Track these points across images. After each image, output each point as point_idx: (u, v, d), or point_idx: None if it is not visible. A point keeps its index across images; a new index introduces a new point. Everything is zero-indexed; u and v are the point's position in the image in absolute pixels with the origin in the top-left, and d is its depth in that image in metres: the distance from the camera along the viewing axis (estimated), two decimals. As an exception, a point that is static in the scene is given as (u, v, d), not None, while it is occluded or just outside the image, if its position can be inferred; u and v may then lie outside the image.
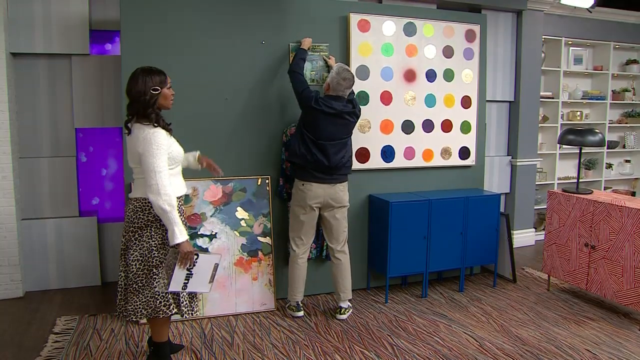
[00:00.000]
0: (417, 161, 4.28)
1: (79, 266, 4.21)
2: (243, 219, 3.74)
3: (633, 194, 6.53)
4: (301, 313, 3.67)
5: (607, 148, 6.20)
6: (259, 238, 3.78)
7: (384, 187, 4.20)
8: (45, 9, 3.94)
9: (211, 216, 3.66)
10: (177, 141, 2.76)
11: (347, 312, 3.69)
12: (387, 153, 4.17)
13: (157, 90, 2.61)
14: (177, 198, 2.70)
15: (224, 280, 3.65)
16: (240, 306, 3.72)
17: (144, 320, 3.29)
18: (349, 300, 3.75)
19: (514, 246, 4.84)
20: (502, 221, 4.38)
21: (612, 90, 6.27)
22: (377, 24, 4.04)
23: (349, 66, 3.92)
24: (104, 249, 4.32)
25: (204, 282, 2.77)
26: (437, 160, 4.36)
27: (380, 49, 4.06)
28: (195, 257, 2.64)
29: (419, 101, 4.23)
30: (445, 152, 4.37)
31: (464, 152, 4.45)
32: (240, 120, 3.76)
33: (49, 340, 3.27)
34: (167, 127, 2.66)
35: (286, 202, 3.89)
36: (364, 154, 4.09)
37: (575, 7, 5.37)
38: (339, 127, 3.50)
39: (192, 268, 2.65)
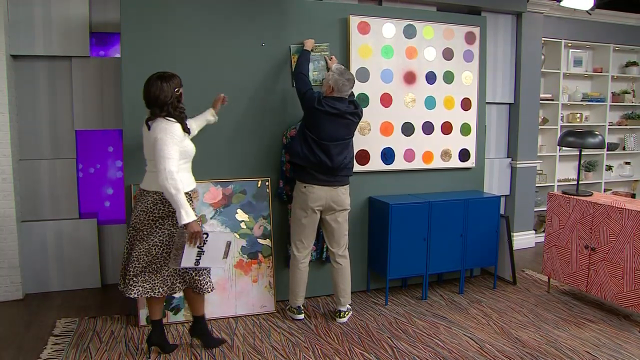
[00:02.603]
0: (417, 163, 4.29)
1: (79, 268, 4.21)
2: (243, 221, 3.74)
3: (633, 196, 6.53)
4: (302, 316, 3.67)
5: (607, 150, 6.20)
6: (259, 240, 3.77)
7: (384, 189, 4.20)
8: (45, 11, 3.94)
9: (211, 218, 3.66)
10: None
11: (347, 314, 3.69)
12: (387, 155, 4.17)
13: (179, 90, 2.92)
14: (193, 190, 2.98)
15: (223, 282, 3.65)
16: (240, 308, 3.72)
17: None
18: (349, 303, 3.75)
19: (514, 248, 4.84)
20: (502, 223, 4.38)
21: (612, 92, 6.27)
22: (377, 26, 4.04)
23: (348, 68, 3.93)
24: (104, 251, 4.32)
25: (218, 259, 2.97)
26: (437, 163, 4.36)
27: (380, 51, 4.07)
28: (205, 236, 2.86)
29: (419, 103, 4.23)
30: (445, 154, 4.38)
31: (464, 154, 4.45)
32: (240, 122, 3.76)
33: (48, 342, 3.27)
34: (186, 128, 2.92)
35: (286, 204, 3.89)
36: (364, 156, 4.09)
37: (575, 9, 5.38)
38: (341, 128, 3.50)
39: (203, 246, 2.87)
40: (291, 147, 3.60)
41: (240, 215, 3.73)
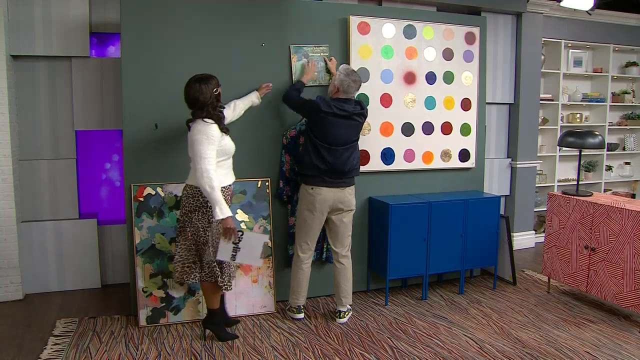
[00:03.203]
0: (417, 163, 4.29)
1: (79, 268, 4.21)
2: (243, 221, 3.74)
3: (633, 196, 6.53)
4: (302, 315, 3.67)
5: (607, 150, 6.20)
6: (259, 240, 3.77)
7: (384, 190, 4.20)
8: (45, 12, 3.94)
9: (211, 218, 3.65)
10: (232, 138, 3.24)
11: (347, 315, 3.69)
12: (387, 155, 4.17)
13: (217, 90, 3.09)
14: (228, 186, 3.17)
15: (223, 282, 3.65)
16: (240, 308, 3.71)
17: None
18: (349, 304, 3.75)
19: (513, 248, 4.84)
20: (502, 223, 4.38)
21: (612, 93, 6.28)
22: (377, 27, 4.04)
23: (348, 68, 3.94)
24: (104, 251, 4.32)
25: (255, 257, 3.15)
26: (437, 163, 4.36)
27: (380, 51, 4.07)
28: (240, 234, 3.05)
29: (419, 103, 4.23)
30: (445, 155, 4.38)
31: (464, 155, 4.45)
32: (240, 123, 3.74)
33: (48, 342, 3.27)
34: (224, 128, 3.09)
35: (286, 205, 3.89)
36: (364, 157, 4.08)
37: (575, 10, 5.38)
38: (350, 130, 3.51)
39: (238, 243, 3.05)
40: (300, 158, 3.57)
41: (240, 216, 3.73)
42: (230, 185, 3.23)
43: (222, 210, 2.93)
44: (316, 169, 3.46)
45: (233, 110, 3.48)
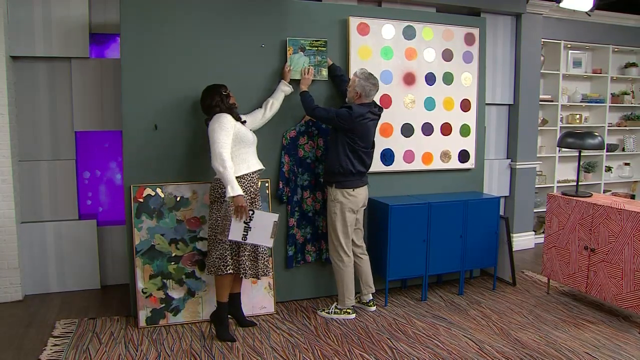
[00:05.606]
0: (417, 164, 4.29)
1: (79, 269, 4.21)
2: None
3: (632, 196, 6.53)
4: (354, 315, 3.74)
5: (607, 151, 6.20)
6: (259, 241, 3.77)
7: (384, 191, 4.20)
8: (45, 13, 3.94)
9: (211, 219, 3.65)
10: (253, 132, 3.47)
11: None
12: (387, 156, 4.17)
13: (226, 92, 3.35)
14: (251, 173, 3.29)
15: (223, 283, 3.64)
16: (240, 309, 3.71)
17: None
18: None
19: (513, 249, 4.83)
20: (502, 224, 4.38)
21: (611, 93, 6.28)
22: (376, 27, 4.04)
23: (348, 69, 3.94)
24: (104, 252, 4.32)
25: (265, 237, 3.22)
26: (437, 164, 4.36)
27: (379, 52, 4.07)
28: (251, 212, 3.16)
29: (419, 104, 4.24)
30: (445, 155, 4.38)
31: (464, 155, 4.45)
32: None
33: (48, 343, 3.27)
34: (237, 116, 3.32)
35: (286, 205, 3.88)
36: (363, 157, 4.09)
37: (574, 10, 5.38)
38: (374, 130, 3.70)
39: (249, 222, 3.15)
40: (338, 167, 3.56)
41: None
42: (245, 175, 3.27)
43: (234, 189, 3.07)
44: (359, 173, 3.61)
45: (270, 109, 3.64)
